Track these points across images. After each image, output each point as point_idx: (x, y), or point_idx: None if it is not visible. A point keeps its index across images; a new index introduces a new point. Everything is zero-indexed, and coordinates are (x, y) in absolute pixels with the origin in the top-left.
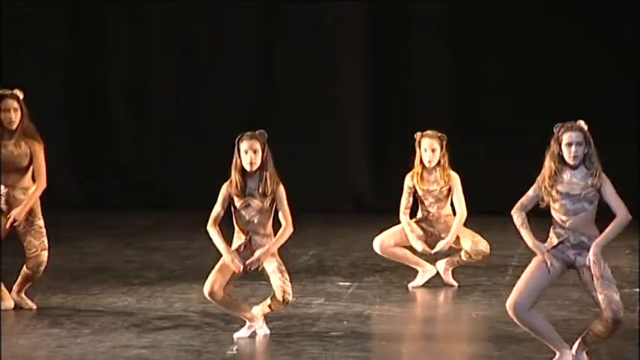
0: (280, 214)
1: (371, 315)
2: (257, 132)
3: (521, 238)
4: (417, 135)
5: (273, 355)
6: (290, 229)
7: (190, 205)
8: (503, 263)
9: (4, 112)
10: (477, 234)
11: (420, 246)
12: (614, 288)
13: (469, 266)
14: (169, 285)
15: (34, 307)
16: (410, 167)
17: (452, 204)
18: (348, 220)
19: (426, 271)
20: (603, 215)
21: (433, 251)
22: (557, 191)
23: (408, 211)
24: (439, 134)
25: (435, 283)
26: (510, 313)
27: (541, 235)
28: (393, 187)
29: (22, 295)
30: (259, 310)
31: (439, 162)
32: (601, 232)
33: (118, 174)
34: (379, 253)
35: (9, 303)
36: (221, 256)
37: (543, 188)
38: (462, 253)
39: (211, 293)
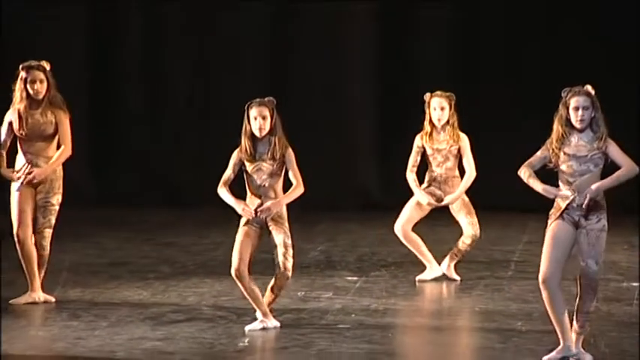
0: (291, 175)
1: (377, 308)
2: (266, 99)
3: (531, 188)
4: (427, 95)
5: (284, 347)
6: (301, 188)
7: (203, 201)
8: (505, 258)
9: (31, 82)
10: (475, 215)
11: (425, 199)
12: (598, 259)
13: (472, 261)
14: (183, 279)
15: (53, 300)
16: (420, 129)
17: (459, 167)
18: (355, 217)
19: (433, 269)
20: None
21: (442, 203)
22: (565, 153)
23: (415, 169)
24: (448, 94)
25: (439, 277)
26: (542, 287)
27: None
28: (399, 185)
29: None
30: (266, 299)
31: (448, 121)
32: (606, 197)
33: (133, 172)
34: (401, 238)
35: (36, 296)
36: (231, 248)
37: (551, 150)
38: (459, 242)
39: (238, 273)
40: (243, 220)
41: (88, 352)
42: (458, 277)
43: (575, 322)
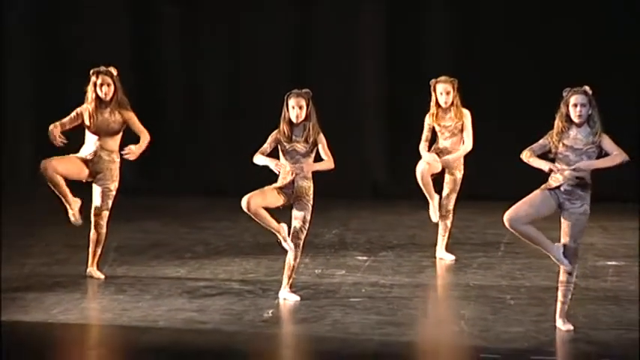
0: (322, 154)
1: (385, 284)
2: (303, 91)
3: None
4: (432, 82)
5: (303, 318)
6: (331, 164)
7: (233, 191)
8: (496, 240)
9: (100, 86)
10: (455, 196)
11: (431, 157)
12: (577, 238)
13: (467, 243)
14: (215, 258)
15: (102, 277)
16: (427, 109)
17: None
18: (366, 205)
19: (434, 203)
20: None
21: (442, 158)
22: (564, 144)
23: (427, 143)
24: (451, 79)
25: (432, 255)
26: (506, 224)
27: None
28: (406, 176)
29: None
30: (285, 279)
31: (452, 102)
32: (593, 189)
33: (173, 166)
34: (419, 178)
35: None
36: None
37: (552, 142)
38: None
39: (248, 205)
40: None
41: (133, 322)
42: (453, 257)
43: (559, 293)
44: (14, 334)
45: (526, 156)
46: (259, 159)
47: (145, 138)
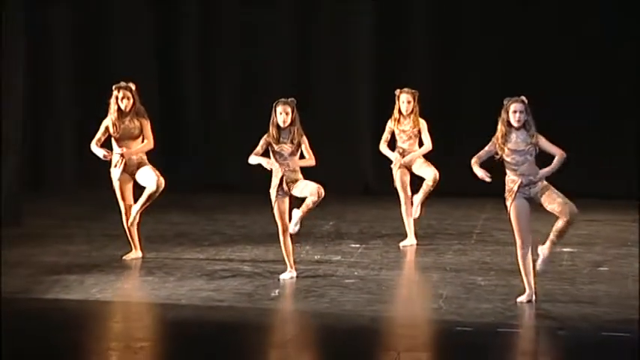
0: (305, 153)
1: (374, 267)
2: (289, 99)
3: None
4: (397, 91)
5: (304, 296)
6: (313, 161)
7: (246, 187)
8: (469, 231)
9: (121, 99)
10: (431, 165)
11: (393, 155)
12: (562, 196)
13: (444, 233)
14: (230, 246)
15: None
16: (391, 114)
17: (419, 144)
18: (358, 200)
19: (410, 239)
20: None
21: (404, 160)
22: (509, 148)
23: (386, 143)
24: (412, 90)
25: (421, 243)
26: (523, 252)
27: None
28: (392, 175)
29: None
30: (300, 211)
31: (412, 110)
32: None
33: (194, 165)
34: (398, 186)
35: (137, 253)
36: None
37: (497, 145)
38: (424, 185)
39: (285, 229)
40: (273, 196)
41: (160, 300)
42: (418, 213)
43: (552, 235)
44: (58, 311)
45: (473, 162)
46: (253, 159)
47: (148, 145)
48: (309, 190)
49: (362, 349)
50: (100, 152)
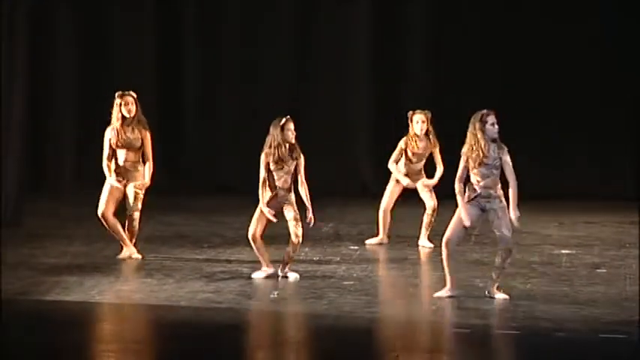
0: (300, 176)
1: (372, 269)
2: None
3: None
4: (410, 113)
5: (303, 298)
6: (306, 190)
7: (244, 190)
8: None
9: (124, 105)
10: (433, 193)
11: (405, 181)
12: (509, 228)
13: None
14: (229, 248)
15: (140, 257)
16: (404, 134)
17: (425, 164)
18: (356, 202)
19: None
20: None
21: (419, 184)
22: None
23: (396, 163)
24: (425, 111)
25: (413, 244)
26: (444, 247)
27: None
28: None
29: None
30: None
31: (427, 130)
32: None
33: (193, 170)
34: (381, 214)
35: (129, 249)
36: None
37: (473, 158)
38: (425, 216)
39: (254, 238)
40: (265, 207)
41: (160, 301)
42: (432, 245)
43: (493, 274)
44: (58, 312)
45: (457, 191)
46: (261, 195)
47: (151, 169)
48: (290, 230)
49: (361, 350)
50: (114, 180)
